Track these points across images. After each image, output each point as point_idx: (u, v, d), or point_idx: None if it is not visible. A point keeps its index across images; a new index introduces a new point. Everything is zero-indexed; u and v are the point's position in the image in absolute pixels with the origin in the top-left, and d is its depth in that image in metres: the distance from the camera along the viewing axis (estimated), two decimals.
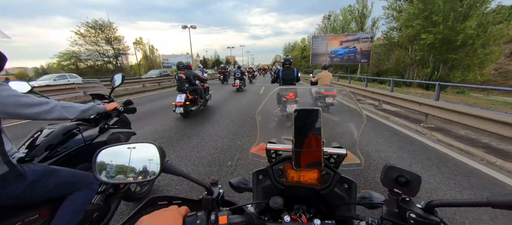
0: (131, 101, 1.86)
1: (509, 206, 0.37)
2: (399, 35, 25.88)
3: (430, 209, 0.48)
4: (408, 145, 4.15)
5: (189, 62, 7.61)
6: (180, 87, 6.03)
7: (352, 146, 0.82)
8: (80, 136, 1.51)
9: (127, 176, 0.56)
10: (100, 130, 1.69)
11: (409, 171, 0.51)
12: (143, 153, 0.57)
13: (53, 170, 1.17)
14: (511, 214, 2.02)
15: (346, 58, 30.96)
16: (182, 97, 5.73)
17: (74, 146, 1.45)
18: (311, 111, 0.63)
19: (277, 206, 0.58)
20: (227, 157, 3.48)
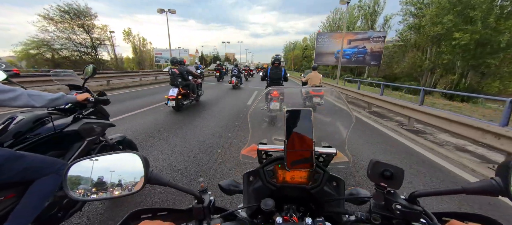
0: (104, 92, 1.95)
1: (480, 192, 0.42)
2: (419, 34, 22.04)
3: (413, 200, 0.51)
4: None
5: (183, 58, 7.26)
6: (173, 81, 6.21)
7: (341, 145, 0.81)
8: (50, 124, 1.48)
9: (107, 191, 0.49)
10: (73, 119, 1.65)
11: (393, 165, 0.53)
12: (125, 164, 0.51)
13: (20, 155, 1.18)
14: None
15: (354, 59, 27.17)
16: (175, 91, 5.85)
17: (44, 133, 1.43)
18: (302, 111, 0.63)
19: (268, 208, 0.57)
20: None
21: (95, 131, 1.75)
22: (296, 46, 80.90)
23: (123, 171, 0.51)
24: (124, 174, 0.51)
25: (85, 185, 0.49)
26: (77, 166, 0.51)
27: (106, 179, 0.50)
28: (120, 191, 0.50)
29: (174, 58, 6.56)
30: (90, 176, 0.50)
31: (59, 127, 1.51)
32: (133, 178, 0.50)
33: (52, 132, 1.46)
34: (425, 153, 3.84)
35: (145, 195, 2.23)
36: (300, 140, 0.62)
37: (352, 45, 27.10)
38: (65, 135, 1.54)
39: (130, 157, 0.52)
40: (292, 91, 1.81)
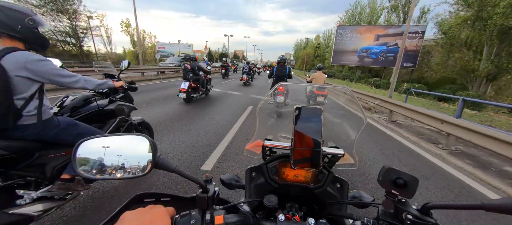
0: (134, 82, 2.36)
1: (501, 209, 0.38)
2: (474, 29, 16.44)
3: (426, 211, 0.48)
4: None
5: (195, 55, 7.79)
6: (185, 75, 6.64)
7: (349, 147, 0.78)
8: (95, 103, 1.92)
9: (114, 172, 0.48)
10: (109, 101, 2.07)
11: (407, 173, 0.51)
12: (133, 147, 0.49)
13: (76, 123, 1.58)
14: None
15: (382, 59, 21.82)
16: (186, 85, 6.32)
17: (90, 110, 1.86)
18: (313, 109, 0.61)
19: (272, 205, 0.56)
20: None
21: (125, 112, 2.20)
22: (308, 44, 75.11)
23: (131, 153, 0.49)
24: (132, 157, 0.49)
25: (92, 164, 0.48)
26: (86, 145, 0.49)
27: (113, 160, 0.48)
28: (127, 173, 0.48)
29: (187, 55, 7.07)
30: (97, 156, 0.48)
31: (101, 106, 1.95)
32: (140, 161, 0.48)
33: (96, 109, 1.90)
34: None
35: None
36: (307, 139, 0.60)
37: (380, 41, 21.73)
38: (105, 112, 1.97)
39: (139, 140, 0.50)
40: (296, 87, 2.27)
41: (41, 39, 1.39)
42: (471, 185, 2.83)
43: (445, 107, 10.35)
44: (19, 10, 1.28)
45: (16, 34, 1.25)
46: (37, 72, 1.29)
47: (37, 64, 1.28)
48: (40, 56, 1.32)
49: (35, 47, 1.39)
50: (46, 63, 1.33)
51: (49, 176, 1.46)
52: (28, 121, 1.33)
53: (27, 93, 1.30)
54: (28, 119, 1.32)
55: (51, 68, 1.35)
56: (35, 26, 1.32)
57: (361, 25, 24.19)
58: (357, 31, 22.61)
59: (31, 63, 1.26)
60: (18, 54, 1.23)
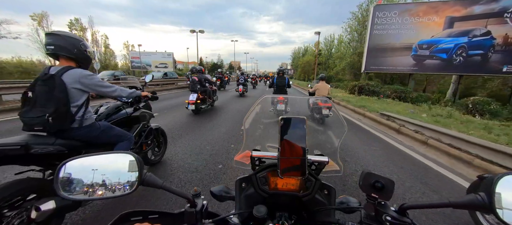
0: (155, 91, 2.71)
1: (466, 206, 0.42)
2: None
3: (403, 212, 0.50)
4: None
5: (202, 67, 7.62)
6: (193, 88, 6.51)
7: (333, 154, 0.80)
8: (124, 111, 2.25)
9: (99, 191, 0.46)
10: (134, 109, 2.39)
11: (384, 177, 0.52)
12: (119, 165, 0.49)
13: (111, 127, 1.87)
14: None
15: (458, 61, 11.93)
16: (194, 96, 6.15)
17: (121, 116, 2.18)
18: (296, 119, 0.62)
19: (261, 215, 0.56)
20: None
21: (147, 118, 2.53)
22: (307, 51, 65.93)
23: (116, 171, 0.48)
24: (117, 175, 0.47)
25: (76, 185, 0.46)
26: (71, 165, 0.47)
27: (98, 179, 0.46)
28: (113, 192, 0.46)
29: (194, 67, 7.44)
30: (82, 176, 0.46)
31: (129, 113, 2.28)
32: (126, 179, 0.47)
33: (125, 116, 2.22)
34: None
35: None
36: (293, 147, 0.60)
37: (455, 30, 11.88)
38: (132, 118, 2.29)
39: (124, 157, 0.49)
40: (297, 100, 1.85)
41: (88, 59, 1.69)
42: None
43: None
44: (74, 37, 1.60)
45: (72, 56, 1.56)
46: (87, 85, 1.58)
47: (87, 78, 1.57)
48: (89, 71, 1.61)
49: (83, 65, 1.65)
50: (93, 77, 1.61)
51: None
52: (79, 124, 1.59)
53: (79, 102, 1.58)
54: (79, 122, 1.59)
55: (97, 80, 1.64)
56: (85, 49, 1.63)
57: (419, 2, 14.20)
58: (411, 12, 12.73)
59: (83, 78, 1.55)
60: (73, 71, 1.53)
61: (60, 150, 1.46)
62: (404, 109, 7.81)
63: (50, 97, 1.43)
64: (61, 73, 1.47)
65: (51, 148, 1.43)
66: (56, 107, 1.42)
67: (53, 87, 1.43)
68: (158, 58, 40.38)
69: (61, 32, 1.52)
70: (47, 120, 1.38)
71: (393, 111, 6.70)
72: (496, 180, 0.41)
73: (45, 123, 1.39)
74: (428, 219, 1.98)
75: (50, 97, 1.43)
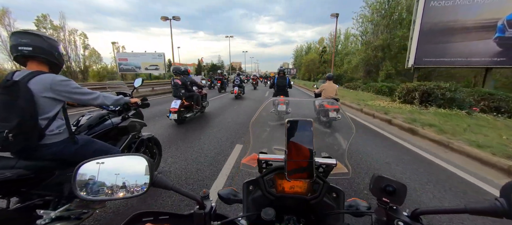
0: (146, 98, 2.17)
1: (484, 212, 0.39)
2: None
3: (416, 217, 0.48)
4: None
5: (187, 68, 6.12)
6: (175, 93, 5.39)
7: (341, 156, 0.78)
8: (109, 121, 1.87)
9: (114, 192, 0.48)
10: (122, 118, 2.01)
11: (396, 181, 0.50)
12: (131, 167, 0.50)
13: (93, 141, 1.56)
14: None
15: None
16: (177, 103, 5.07)
17: (105, 127, 1.82)
18: (303, 121, 0.61)
19: (269, 218, 0.55)
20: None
21: (136, 128, 2.16)
22: (310, 49, 61.50)
23: (129, 173, 0.49)
24: (130, 176, 0.49)
25: (92, 186, 0.48)
26: (86, 167, 0.49)
27: (112, 181, 0.48)
28: (125, 193, 0.48)
29: (176, 68, 5.61)
30: (97, 177, 0.48)
31: (115, 123, 1.90)
32: (138, 181, 0.49)
33: (110, 127, 1.85)
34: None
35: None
36: (300, 150, 0.60)
37: None
38: (119, 129, 1.92)
39: (136, 160, 0.50)
40: (300, 102, 2.64)
41: (62, 64, 1.46)
42: None
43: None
44: (54, 38, 1.40)
45: (53, 59, 1.36)
46: (61, 92, 1.33)
47: (61, 84, 1.32)
48: (63, 76, 1.38)
49: (56, 70, 1.43)
50: (68, 82, 1.37)
51: (68, 195, 1.41)
52: (50, 140, 1.32)
53: (51, 113, 1.32)
54: (50, 138, 1.32)
55: (73, 87, 1.39)
56: (60, 53, 1.43)
57: None
58: None
59: (56, 84, 1.30)
60: (44, 77, 1.27)
61: (21, 175, 1.19)
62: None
63: (12, 108, 1.19)
64: (28, 79, 1.22)
65: (9, 173, 1.16)
66: (19, 120, 1.17)
67: (16, 96, 1.19)
68: (148, 59, 36.05)
69: (39, 32, 1.33)
70: (6, 138, 1.15)
71: None
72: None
73: (3, 141, 1.15)
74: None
75: (12, 109, 1.19)
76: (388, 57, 24.85)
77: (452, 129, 4.52)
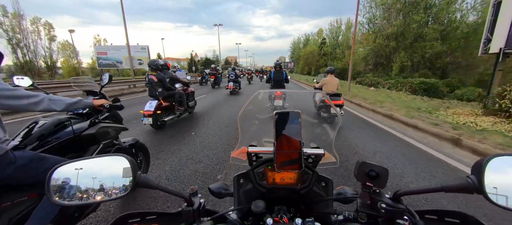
0: (118, 98, 1.89)
1: (457, 190, 0.42)
2: None
3: (397, 198, 0.50)
4: None
5: (167, 61, 5.06)
6: (151, 92, 4.45)
7: (329, 146, 0.77)
8: (70, 128, 1.48)
9: (93, 195, 0.45)
10: (90, 123, 1.63)
11: (378, 165, 0.52)
12: (113, 168, 0.47)
13: (43, 157, 1.20)
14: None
15: None
16: (152, 105, 4.07)
17: (64, 137, 1.43)
18: (291, 113, 0.61)
19: (259, 210, 0.55)
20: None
21: (110, 135, 1.76)
22: (307, 41, 57.73)
23: (110, 174, 0.47)
24: (111, 178, 0.46)
25: (69, 190, 0.45)
26: (61, 171, 0.45)
27: (92, 184, 0.45)
28: (105, 196, 0.45)
29: (153, 62, 4.45)
30: (74, 181, 0.45)
31: (78, 131, 1.50)
32: (120, 182, 0.46)
33: (71, 136, 1.46)
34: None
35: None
36: (288, 141, 0.59)
37: None
38: (83, 138, 1.53)
39: (117, 160, 0.47)
40: (295, 93, 1.71)
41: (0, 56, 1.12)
42: None
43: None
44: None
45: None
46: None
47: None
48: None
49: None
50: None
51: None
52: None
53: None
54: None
55: (2, 89, 1.05)
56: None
57: None
58: None
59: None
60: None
61: None
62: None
63: None
64: None
65: None
66: None
67: None
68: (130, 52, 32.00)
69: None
70: None
71: None
72: (486, 162, 0.40)
73: None
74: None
75: None
76: (402, 47, 21.52)
77: None
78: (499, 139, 3.53)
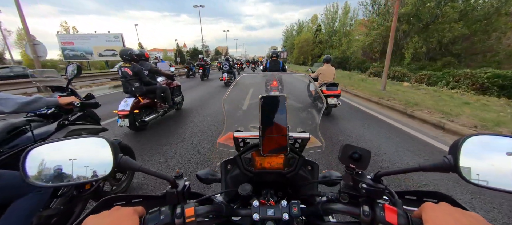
0: (92, 94, 1.65)
1: (434, 169, 0.43)
2: None
3: (378, 179, 0.50)
4: None
5: (144, 51, 4.10)
6: (126, 88, 3.64)
7: (314, 130, 0.78)
8: (30, 133, 1.22)
9: (69, 178, 0.44)
10: (57, 126, 1.37)
11: (361, 148, 0.53)
12: (92, 150, 0.46)
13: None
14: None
15: None
16: (128, 104, 3.34)
17: (22, 145, 1.15)
18: (276, 97, 0.60)
19: (245, 193, 0.55)
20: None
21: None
22: (301, 29, 54.12)
23: (89, 156, 0.45)
24: (90, 159, 0.45)
25: (46, 172, 0.43)
26: (36, 152, 0.44)
27: (69, 165, 0.44)
28: (85, 177, 0.44)
29: (125, 51, 3.54)
30: (52, 163, 0.44)
31: (41, 137, 1.26)
32: (100, 163, 0.45)
33: (32, 143, 1.17)
34: None
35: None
36: (274, 126, 0.59)
37: None
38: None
39: (97, 142, 0.46)
40: (293, 85, 1.49)
41: None
42: None
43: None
44: None
45: None
46: None
47: None
48: None
49: None
50: None
51: None
52: None
53: None
54: None
55: None
56: None
57: None
58: None
59: None
60: None
61: None
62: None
63: None
64: None
65: None
66: None
67: None
68: (101, 42, 27.58)
69: None
70: None
71: None
72: (461, 143, 0.41)
73: None
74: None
75: None
76: (415, 30, 18.76)
77: None
78: None
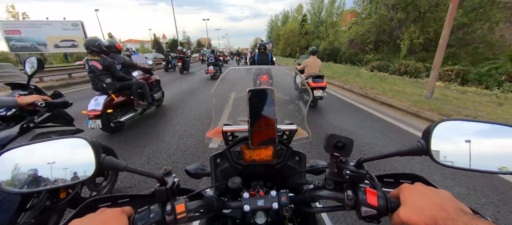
0: (60, 92, 1.47)
1: (409, 153, 0.46)
2: None
3: (360, 165, 0.53)
4: None
5: (115, 42, 3.66)
6: (96, 84, 3.16)
7: (302, 121, 0.80)
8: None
9: (47, 182, 0.41)
10: (21, 130, 1.21)
11: (344, 137, 0.54)
12: (72, 151, 0.43)
13: None
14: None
15: None
16: (99, 103, 2.94)
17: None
18: (264, 91, 0.61)
19: (235, 186, 0.57)
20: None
21: None
22: (288, 19, 51.82)
23: (69, 158, 0.43)
24: (71, 161, 0.42)
25: (21, 177, 0.40)
26: (9, 155, 0.40)
27: (47, 168, 0.41)
28: (64, 180, 0.42)
29: (91, 42, 3.02)
30: (27, 166, 0.41)
31: (0, 143, 1.13)
32: (82, 165, 0.42)
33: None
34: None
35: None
36: (263, 119, 0.61)
37: None
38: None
39: (76, 142, 0.43)
40: (282, 78, 1.67)
41: None
42: None
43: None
44: None
45: None
46: None
47: None
48: None
49: None
50: None
51: None
52: None
53: None
54: None
55: None
56: None
57: None
58: None
59: None
60: None
61: None
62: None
63: None
64: None
65: None
66: None
67: None
68: (56, 31, 23.11)
69: None
70: None
71: None
72: (433, 128, 0.44)
73: None
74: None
75: None
76: (412, 18, 17.47)
77: None
78: None
